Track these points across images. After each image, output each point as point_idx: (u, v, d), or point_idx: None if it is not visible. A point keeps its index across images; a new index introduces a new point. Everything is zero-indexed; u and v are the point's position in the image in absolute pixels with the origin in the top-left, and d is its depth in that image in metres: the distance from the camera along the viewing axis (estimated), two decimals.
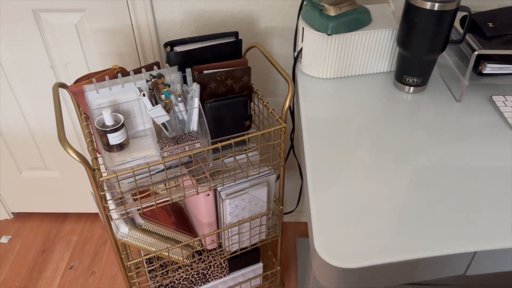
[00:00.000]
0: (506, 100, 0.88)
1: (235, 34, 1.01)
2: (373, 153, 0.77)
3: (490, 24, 0.85)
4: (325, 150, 0.78)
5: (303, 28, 0.93)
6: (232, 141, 0.88)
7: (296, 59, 1.01)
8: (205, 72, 0.95)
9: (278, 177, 1.16)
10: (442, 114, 0.86)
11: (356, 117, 0.86)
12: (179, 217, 1.17)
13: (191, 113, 0.93)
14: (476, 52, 0.82)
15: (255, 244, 1.17)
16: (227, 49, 1.00)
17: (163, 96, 0.90)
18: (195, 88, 0.90)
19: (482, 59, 0.86)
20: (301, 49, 0.97)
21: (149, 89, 0.88)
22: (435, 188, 0.70)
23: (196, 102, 0.91)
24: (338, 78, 0.97)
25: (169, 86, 0.90)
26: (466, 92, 0.91)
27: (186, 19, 1.14)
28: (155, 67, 0.92)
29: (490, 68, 0.87)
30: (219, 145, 0.88)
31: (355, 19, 0.90)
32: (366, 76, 0.98)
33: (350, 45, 0.92)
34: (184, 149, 0.92)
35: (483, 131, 0.82)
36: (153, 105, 0.88)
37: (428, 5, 0.78)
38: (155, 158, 0.90)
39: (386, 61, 0.96)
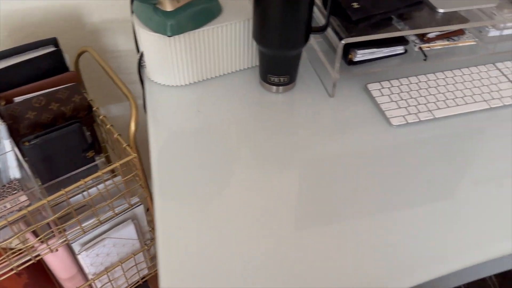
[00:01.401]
0: (382, 88, 0.77)
1: (53, 41, 0.78)
2: (240, 170, 0.62)
3: (355, 5, 0.72)
4: (180, 176, 0.61)
5: (138, 28, 0.73)
6: (63, 191, 0.68)
7: (139, 64, 0.81)
8: (16, 100, 0.72)
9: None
10: (316, 113, 0.74)
11: (218, 128, 0.70)
12: (35, 270, 0.95)
13: (5, 159, 0.70)
14: (342, 42, 0.69)
15: (137, 282, 1.00)
16: (45, 63, 0.77)
17: None
18: None
19: (352, 46, 0.74)
20: (142, 53, 0.78)
21: None
22: (318, 195, 0.58)
23: (6, 145, 0.68)
24: (194, 84, 0.79)
25: None
26: (341, 83, 0.80)
27: None
28: None
29: (360, 54, 0.75)
30: (45, 201, 0.67)
31: (200, 12, 0.72)
32: (228, 77, 0.81)
33: (200, 44, 0.74)
34: (5, 207, 0.70)
35: (359, 124, 0.72)
36: None
37: None
38: None
39: (248, 55, 0.80)
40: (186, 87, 0.79)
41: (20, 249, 0.75)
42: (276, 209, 0.60)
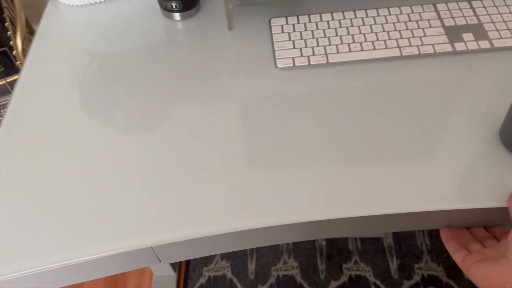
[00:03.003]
0: (287, 24, 0.69)
1: None
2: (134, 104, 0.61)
3: None
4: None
5: None
6: None
7: None
8: None
9: None
10: (211, 46, 0.68)
11: (107, 56, 0.67)
12: None
13: None
14: None
15: None
16: None
17: None
18: None
19: None
20: None
21: None
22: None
23: None
24: (92, 5, 0.75)
25: None
26: (247, 16, 0.72)
27: None
28: None
29: None
30: None
31: None
32: (131, 1, 0.76)
33: None
34: None
35: (248, 62, 0.66)
36: None
37: None
38: None
39: None
40: (83, 8, 0.75)
41: None
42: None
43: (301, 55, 0.65)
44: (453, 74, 0.63)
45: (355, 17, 0.69)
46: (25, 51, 0.73)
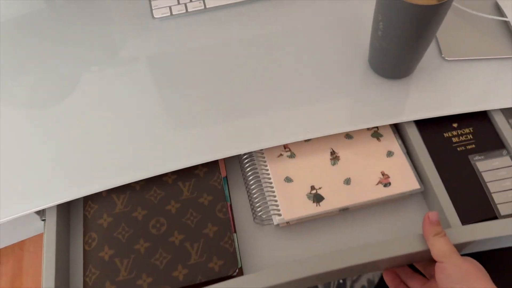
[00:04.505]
0: None
1: None
2: None
3: None
4: None
5: None
6: None
7: None
8: None
9: None
10: (91, 6, 0.66)
11: None
12: None
13: None
14: None
15: None
16: None
17: None
18: None
19: None
20: None
21: None
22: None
23: None
24: None
25: None
26: None
27: None
28: None
29: None
30: None
31: None
32: None
33: None
34: None
35: (130, 19, 0.64)
36: None
37: None
38: None
39: None
40: None
41: None
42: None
43: (178, 3, 0.64)
44: (327, 8, 0.64)
45: None
46: None
